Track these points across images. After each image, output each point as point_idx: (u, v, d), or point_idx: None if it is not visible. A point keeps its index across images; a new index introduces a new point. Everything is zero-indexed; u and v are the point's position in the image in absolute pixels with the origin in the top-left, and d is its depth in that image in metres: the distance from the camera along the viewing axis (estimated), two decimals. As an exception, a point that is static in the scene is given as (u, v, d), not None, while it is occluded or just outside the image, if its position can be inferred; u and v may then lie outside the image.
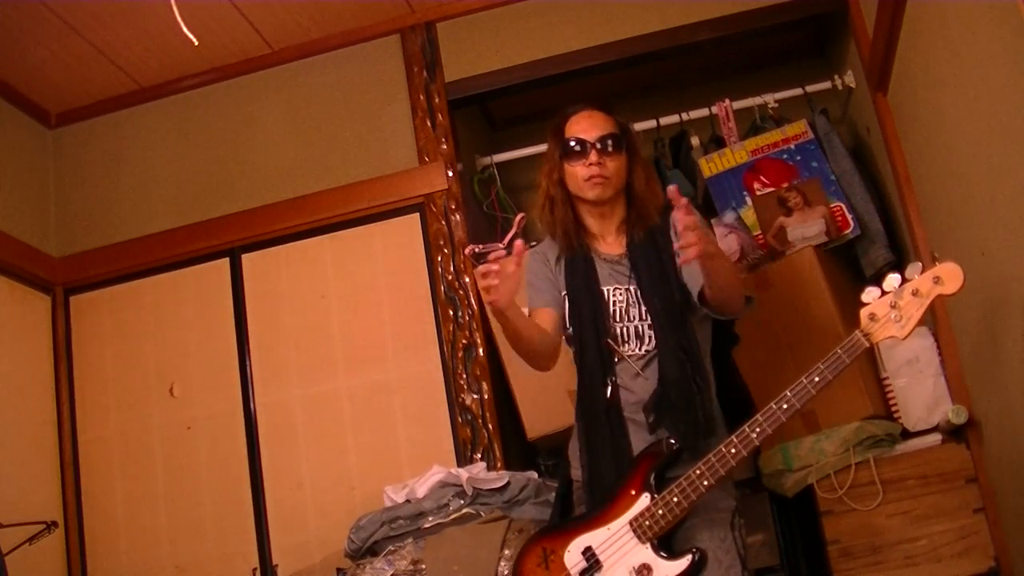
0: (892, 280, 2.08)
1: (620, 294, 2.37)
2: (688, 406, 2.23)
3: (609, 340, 2.32)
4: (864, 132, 3.48)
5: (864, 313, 2.10)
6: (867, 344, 2.08)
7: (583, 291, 2.38)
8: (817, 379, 2.08)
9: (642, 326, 2.33)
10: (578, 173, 2.38)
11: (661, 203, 2.41)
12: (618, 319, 2.34)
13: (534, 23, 3.57)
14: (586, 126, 2.41)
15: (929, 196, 2.80)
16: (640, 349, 2.31)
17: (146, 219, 3.72)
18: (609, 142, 2.38)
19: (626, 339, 2.33)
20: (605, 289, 2.38)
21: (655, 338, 2.30)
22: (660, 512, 2.13)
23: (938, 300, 2.10)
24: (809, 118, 3.48)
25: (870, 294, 2.11)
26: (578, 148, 2.38)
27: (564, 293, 2.41)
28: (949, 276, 2.05)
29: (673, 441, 2.19)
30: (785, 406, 2.09)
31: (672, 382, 2.25)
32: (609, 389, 2.29)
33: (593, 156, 2.36)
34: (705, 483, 2.11)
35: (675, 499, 2.12)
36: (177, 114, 3.81)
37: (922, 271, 2.07)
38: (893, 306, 2.07)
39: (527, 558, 2.26)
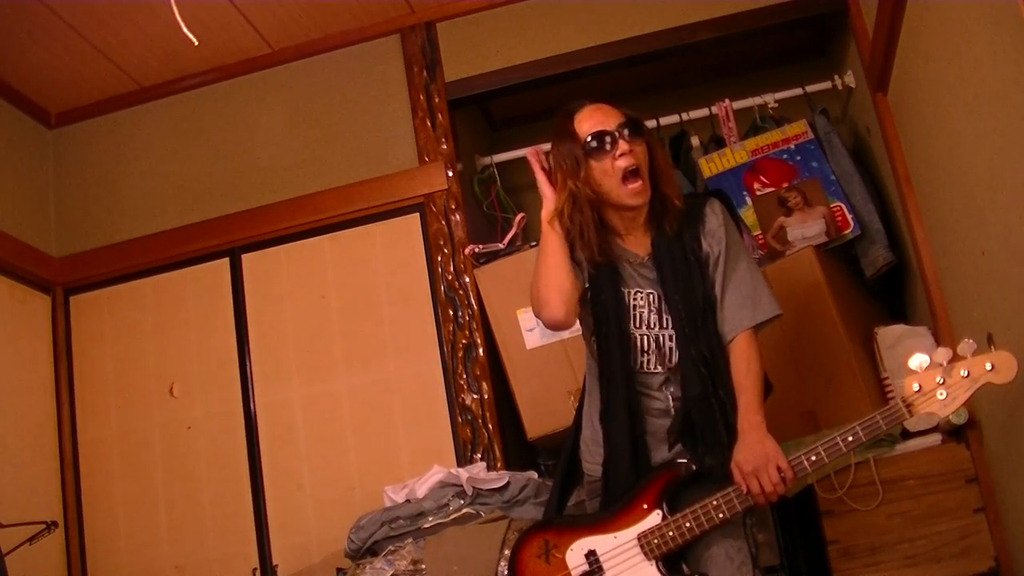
0: (942, 354, 2.02)
1: (641, 298, 2.28)
2: (710, 425, 2.19)
3: (636, 364, 2.26)
4: (864, 132, 3.48)
5: (909, 382, 2.06)
6: (908, 416, 2.06)
7: (610, 294, 2.27)
8: (851, 439, 2.07)
9: (663, 336, 2.26)
10: (608, 168, 2.22)
11: (678, 187, 2.33)
12: (638, 325, 2.26)
13: (534, 23, 3.57)
14: (600, 118, 2.26)
15: (929, 196, 2.80)
16: (662, 368, 2.25)
17: (146, 219, 3.72)
18: (629, 128, 2.24)
19: (646, 350, 2.26)
20: (625, 292, 2.28)
21: (677, 351, 2.24)
22: (671, 534, 2.12)
23: (986, 385, 2.04)
24: (809, 118, 3.48)
25: (918, 361, 2.05)
26: (603, 139, 2.22)
27: (588, 290, 2.31)
28: (1004, 366, 1.99)
29: (688, 462, 2.17)
30: (814, 458, 2.10)
31: (694, 398, 2.20)
32: (631, 397, 2.23)
33: (622, 145, 2.21)
34: (720, 515, 2.11)
35: (688, 524, 2.11)
36: (177, 114, 3.80)
37: (975, 351, 2.02)
38: (941, 383, 2.03)
39: (527, 547, 2.24)
